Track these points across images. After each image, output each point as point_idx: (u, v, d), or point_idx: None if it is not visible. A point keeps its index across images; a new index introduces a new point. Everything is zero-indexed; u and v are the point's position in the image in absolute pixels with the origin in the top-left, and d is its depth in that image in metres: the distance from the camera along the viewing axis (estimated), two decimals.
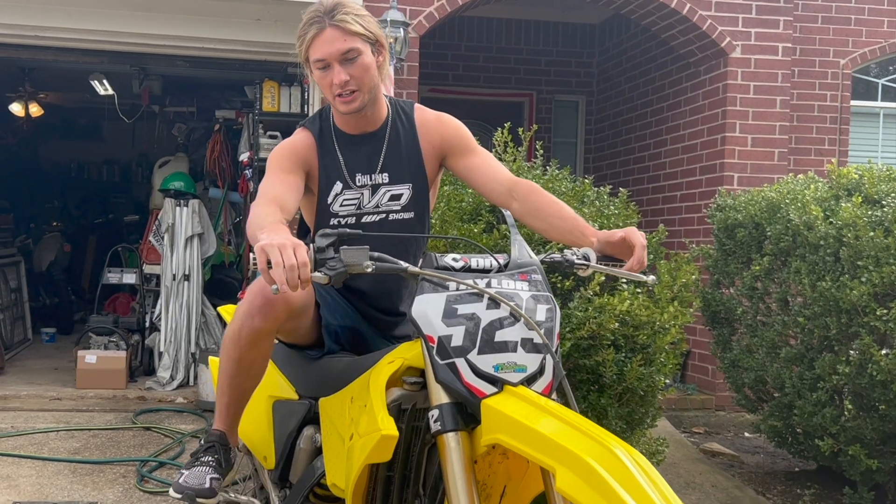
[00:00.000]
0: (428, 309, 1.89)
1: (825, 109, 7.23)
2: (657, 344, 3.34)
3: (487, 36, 8.35)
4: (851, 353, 3.84)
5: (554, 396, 1.92)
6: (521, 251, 2.07)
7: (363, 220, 2.40)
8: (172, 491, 2.20)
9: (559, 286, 3.30)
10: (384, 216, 2.41)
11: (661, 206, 7.16)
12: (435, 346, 1.87)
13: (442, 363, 1.86)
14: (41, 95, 8.80)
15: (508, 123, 3.87)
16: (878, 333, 3.74)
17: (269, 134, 6.22)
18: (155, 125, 8.74)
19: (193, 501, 2.16)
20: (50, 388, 6.12)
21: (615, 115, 8.23)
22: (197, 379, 6.07)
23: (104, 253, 7.98)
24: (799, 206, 4.10)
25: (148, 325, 6.85)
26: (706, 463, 4.88)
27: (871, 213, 3.82)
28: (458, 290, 1.91)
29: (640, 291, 3.35)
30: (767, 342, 4.31)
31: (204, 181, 7.57)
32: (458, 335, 1.86)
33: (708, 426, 5.94)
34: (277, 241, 1.78)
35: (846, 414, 3.92)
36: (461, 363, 1.84)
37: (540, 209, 2.33)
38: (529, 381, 1.86)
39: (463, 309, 1.88)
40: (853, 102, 7.34)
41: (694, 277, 3.62)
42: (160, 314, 6.57)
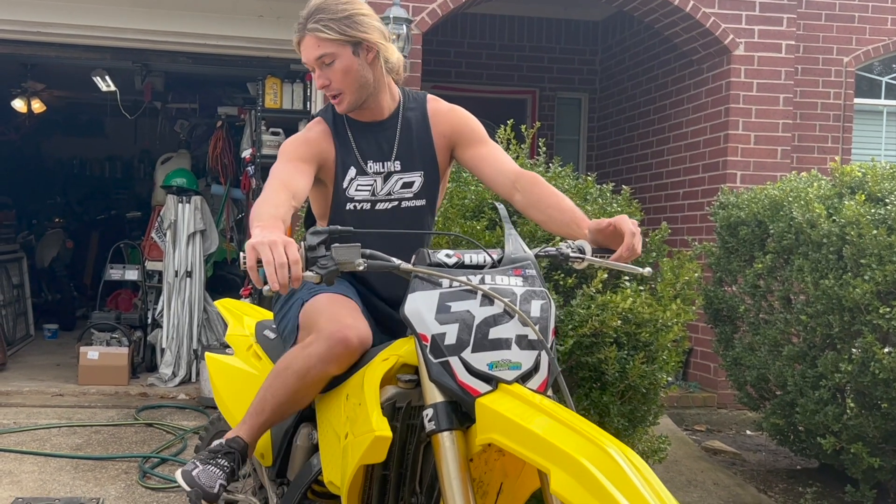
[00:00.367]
0: (421, 307, 1.87)
1: (828, 107, 7.22)
2: (659, 341, 3.34)
3: (490, 33, 8.34)
4: (854, 351, 3.84)
5: (550, 393, 1.90)
6: (514, 246, 2.04)
7: (377, 206, 2.42)
8: (180, 477, 2.18)
9: (562, 283, 3.29)
10: (397, 203, 2.43)
11: (663, 203, 7.15)
12: (428, 344, 1.85)
13: (435, 362, 1.84)
14: (42, 87, 8.79)
15: (511, 121, 3.87)
16: (880, 332, 3.73)
17: (271, 130, 6.22)
18: (157, 121, 8.73)
19: (198, 499, 2.15)
20: (52, 384, 6.13)
21: (618, 112, 8.22)
22: (199, 375, 6.07)
23: (106, 249, 7.98)
24: (802, 203, 4.10)
25: (150, 321, 6.86)
26: (708, 461, 4.88)
27: (874, 211, 3.82)
28: (451, 287, 1.89)
29: (642, 289, 3.34)
30: (770, 340, 4.31)
31: (206, 178, 7.57)
32: (451, 333, 1.84)
33: (710, 424, 5.94)
34: (268, 238, 1.78)
35: (848, 412, 3.91)
36: (455, 361, 1.82)
37: (541, 200, 2.33)
38: (525, 378, 1.85)
39: (456, 306, 1.86)
40: (856, 100, 7.33)
41: (696, 275, 3.61)
42: (162, 311, 6.57)
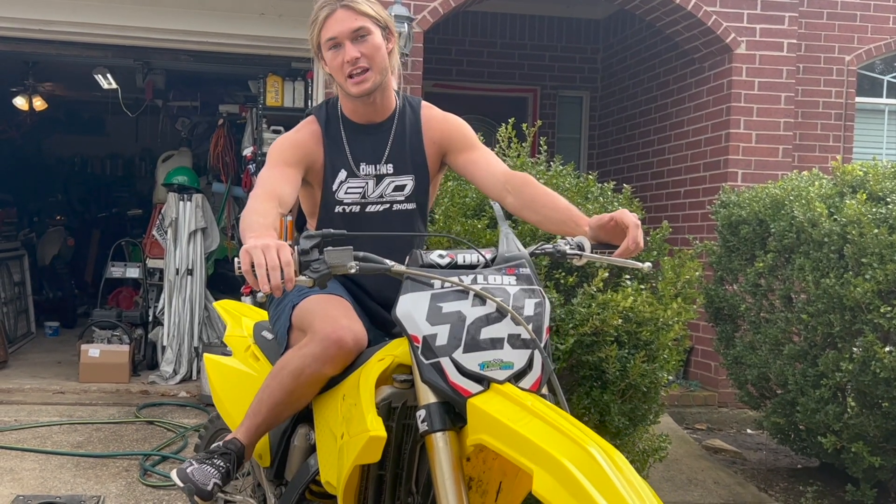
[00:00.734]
0: (412, 308, 1.87)
1: (830, 106, 7.21)
2: (660, 340, 3.34)
3: (492, 31, 8.33)
4: (855, 350, 3.83)
5: (544, 391, 1.90)
6: (509, 245, 2.03)
7: (367, 209, 2.42)
8: (175, 474, 2.21)
9: (563, 282, 3.29)
10: (388, 206, 2.44)
11: (664, 202, 7.15)
12: (420, 345, 1.85)
13: (427, 363, 1.84)
14: (45, 85, 8.80)
15: (513, 119, 3.87)
16: (881, 331, 3.73)
17: (272, 128, 6.22)
18: (158, 119, 8.74)
19: (191, 496, 2.16)
20: (53, 381, 6.14)
21: (619, 110, 8.22)
22: (200, 373, 6.08)
23: (107, 247, 7.99)
24: (803, 202, 4.09)
25: (151, 319, 6.86)
26: (709, 459, 4.88)
27: (875, 210, 3.82)
28: (442, 287, 1.89)
29: (643, 288, 3.34)
30: (771, 339, 4.31)
31: (207, 176, 7.57)
32: (442, 334, 1.84)
33: (710, 423, 5.94)
34: (261, 242, 1.79)
35: (849, 411, 3.91)
36: (446, 362, 1.82)
37: (534, 201, 2.33)
38: (518, 377, 1.85)
39: (448, 307, 1.86)
40: (858, 99, 7.32)
41: (697, 274, 3.61)
42: (163, 308, 6.58)
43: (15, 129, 9.71)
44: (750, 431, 5.73)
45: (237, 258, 1.82)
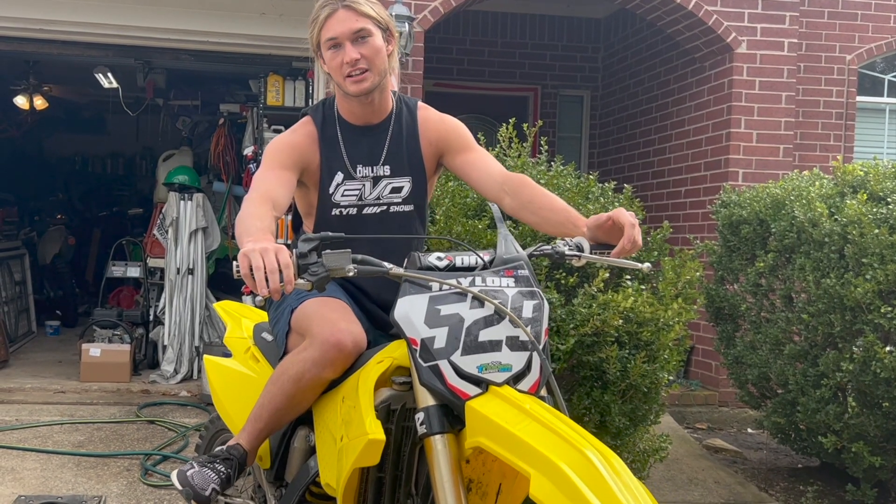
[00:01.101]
0: (410, 311, 1.87)
1: (831, 105, 7.21)
2: (661, 341, 3.34)
3: (492, 30, 8.33)
4: (855, 350, 3.83)
5: (543, 393, 1.90)
6: (507, 246, 2.03)
7: (364, 211, 2.41)
8: (175, 476, 2.21)
9: (563, 282, 3.30)
10: (385, 208, 2.43)
11: (665, 201, 7.15)
12: (418, 348, 1.85)
13: (425, 366, 1.84)
14: (45, 88, 8.81)
15: (513, 119, 3.87)
16: (882, 331, 3.73)
17: (273, 128, 6.21)
18: (159, 118, 8.74)
19: (189, 500, 2.16)
20: (54, 381, 6.14)
21: (620, 110, 8.22)
22: (201, 372, 6.08)
23: (108, 246, 8.00)
24: (804, 202, 4.09)
25: (152, 318, 6.87)
26: (709, 459, 4.88)
27: (876, 210, 3.82)
28: (440, 290, 1.89)
29: (644, 288, 3.35)
30: (771, 339, 4.31)
31: (208, 175, 7.57)
32: (441, 337, 1.84)
33: (711, 422, 5.94)
34: (259, 246, 1.79)
35: (849, 411, 3.91)
36: (444, 365, 1.82)
37: (532, 202, 2.32)
38: (517, 379, 1.85)
39: (446, 309, 1.86)
40: (859, 98, 7.32)
41: (698, 274, 3.61)
42: (164, 308, 6.58)
43: (16, 127, 9.71)
44: (751, 431, 5.73)
45: (236, 261, 1.82)
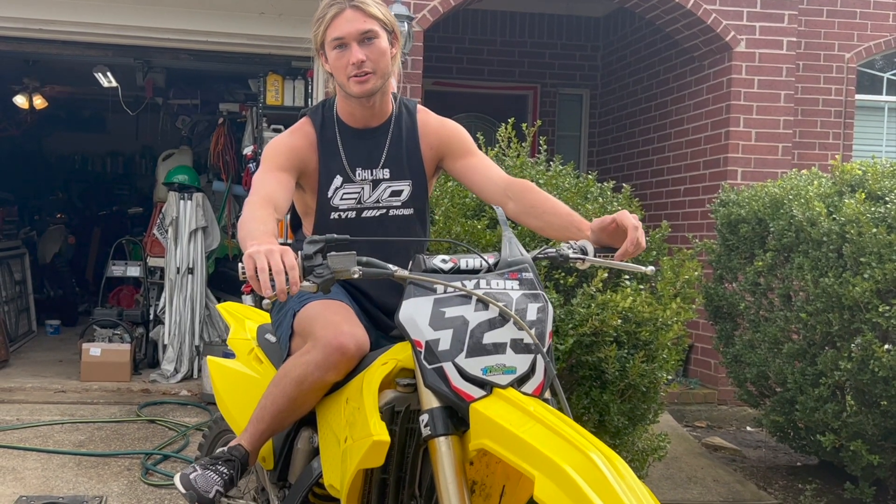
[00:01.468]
0: (415, 313, 1.88)
1: (830, 103, 7.22)
2: (659, 340, 3.35)
3: (492, 29, 8.33)
4: (853, 349, 3.85)
5: (546, 395, 1.91)
6: (511, 249, 2.03)
7: (363, 214, 2.41)
8: (178, 480, 2.21)
9: (562, 282, 3.31)
10: (384, 211, 2.42)
11: (664, 200, 7.16)
12: (423, 350, 1.86)
13: (430, 368, 1.85)
14: (45, 88, 8.81)
15: (512, 119, 3.87)
16: (879, 330, 3.75)
17: (272, 127, 6.22)
18: (158, 117, 8.74)
19: (193, 503, 2.17)
20: (55, 380, 6.16)
21: (619, 108, 8.22)
22: (201, 372, 6.10)
23: (108, 245, 8.00)
24: (802, 202, 4.10)
25: (152, 317, 6.88)
26: (708, 457, 4.89)
27: (874, 209, 3.83)
28: (445, 292, 1.89)
29: (642, 288, 3.36)
30: (770, 337, 4.32)
31: (208, 174, 7.58)
32: (445, 339, 1.85)
33: (710, 420, 5.95)
34: (264, 248, 1.80)
35: (848, 409, 3.93)
36: (449, 367, 1.83)
37: (535, 206, 2.33)
38: (521, 381, 1.86)
39: (451, 312, 1.87)
40: (857, 96, 7.32)
41: (696, 274, 3.62)
42: (164, 307, 6.59)
43: (15, 127, 9.72)
44: (750, 429, 5.74)
45: (241, 263, 1.82)
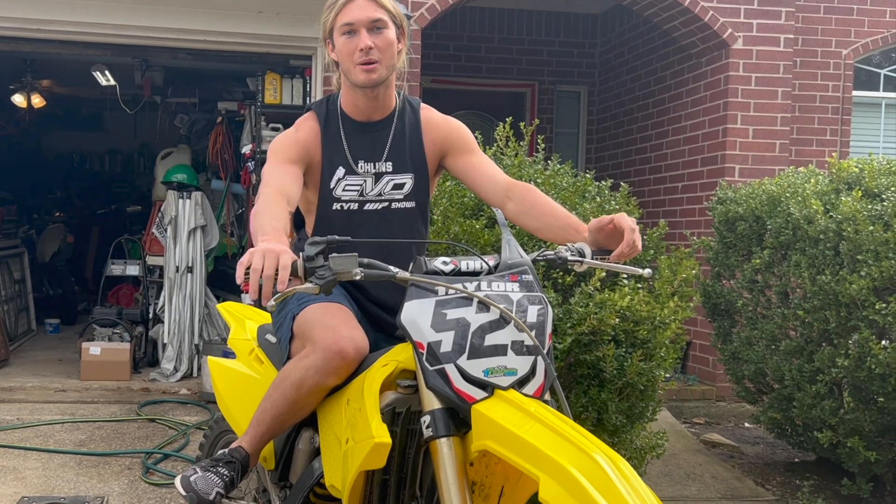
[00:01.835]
0: (417, 315, 1.89)
1: (827, 100, 7.24)
2: (657, 339, 3.37)
3: (489, 26, 8.34)
4: (850, 346, 3.87)
5: (547, 397, 1.93)
6: (511, 251, 2.05)
7: (365, 207, 2.43)
8: (178, 483, 2.22)
9: (560, 282, 3.32)
10: (387, 204, 2.44)
11: (662, 197, 7.17)
12: (424, 352, 1.87)
13: (432, 369, 1.86)
14: (43, 82, 8.80)
15: (510, 118, 3.88)
16: (876, 327, 3.76)
17: (271, 126, 6.22)
18: (157, 116, 8.74)
19: None
20: (55, 379, 6.17)
21: (617, 105, 8.23)
22: (200, 370, 6.11)
23: (107, 244, 8.01)
24: (799, 199, 4.12)
25: (151, 316, 6.89)
26: (706, 454, 4.92)
27: (871, 207, 3.84)
28: (446, 294, 1.91)
29: (640, 287, 3.37)
30: (767, 335, 4.34)
31: (206, 173, 7.58)
32: (447, 341, 1.86)
33: (708, 417, 5.98)
34: (265, 247, 1.81)
35: (845, 406, 3.95)
36: (451, 369, 1.85)
37: (534, 207, 2.35)
38: (521, 383, 1.87)
39: (452, 314, 1.88)
40: (855, 92, 7.34)
41: (694, 272, 3.64)
42: (164, 306, 6.60)
43: (14, 125, 9.71)
44: (748, 425, 5.77)
45: (241, 261, 1.83)
